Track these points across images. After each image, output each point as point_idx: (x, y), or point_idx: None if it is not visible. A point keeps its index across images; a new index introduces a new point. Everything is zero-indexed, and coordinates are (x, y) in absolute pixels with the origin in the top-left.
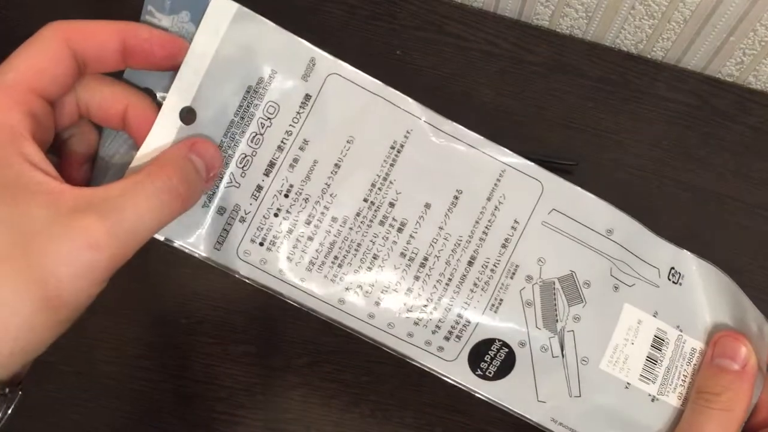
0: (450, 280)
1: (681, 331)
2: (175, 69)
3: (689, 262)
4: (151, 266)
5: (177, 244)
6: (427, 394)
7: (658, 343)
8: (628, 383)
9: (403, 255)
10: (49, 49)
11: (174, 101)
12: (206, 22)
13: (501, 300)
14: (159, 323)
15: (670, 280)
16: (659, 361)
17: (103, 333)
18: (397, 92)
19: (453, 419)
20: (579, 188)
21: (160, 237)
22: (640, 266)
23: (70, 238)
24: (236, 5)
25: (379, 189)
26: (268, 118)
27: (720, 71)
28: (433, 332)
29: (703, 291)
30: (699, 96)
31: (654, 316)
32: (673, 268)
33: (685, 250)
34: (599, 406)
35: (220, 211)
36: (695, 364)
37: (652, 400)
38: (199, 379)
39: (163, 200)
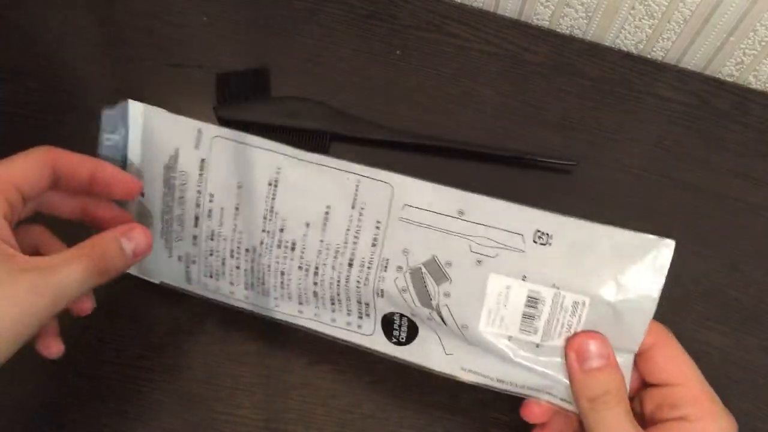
0: (338, 282)
1: (558, 288)
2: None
3: (540, 222)
4: None
5: (165, 283)
6: (427, 395)
7: (532, 302)
8: (510, 336)
9: (300, 268)
10: (36, 163)
11: None
12: (131, 126)
13: (382, 290)
14: (159, 323)
15: (536, 242)
16: (537, 317)
17: (104, 333)
18: (263, 139)
19: (453, 419)
20: (424, 181)
21: (155, 281)
22: (502, 237)
23: (16, 285)
24: (143, 105)
25: (270, 220)
26: (183, 184)
27: (720, 71)
28: (348, 314)
29: (574, 246)
30: (699, 96)
31: (523, 279)
32: (539, 230)
33: (550, 213)
34: (493, 353)
35: (179, 259)
36: (580, 315)
37: (537, 346)
38: (199, 379)
39: (86, 274)
